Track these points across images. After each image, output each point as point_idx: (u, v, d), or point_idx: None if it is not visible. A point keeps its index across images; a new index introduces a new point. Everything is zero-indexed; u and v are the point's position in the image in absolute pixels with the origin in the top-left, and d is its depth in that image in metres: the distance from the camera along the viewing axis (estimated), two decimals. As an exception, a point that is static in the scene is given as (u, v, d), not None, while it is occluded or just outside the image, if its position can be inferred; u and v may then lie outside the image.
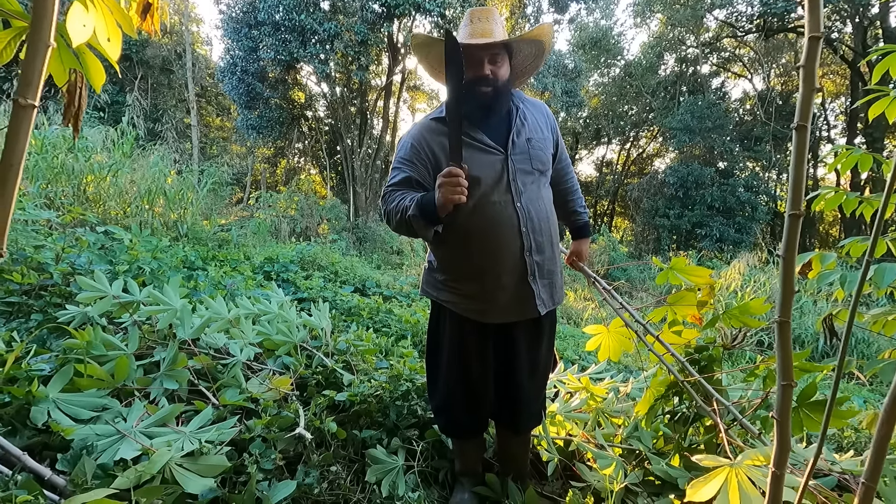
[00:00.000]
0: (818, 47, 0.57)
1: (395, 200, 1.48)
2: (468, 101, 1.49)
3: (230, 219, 10.34)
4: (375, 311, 3.91)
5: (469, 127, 1.50)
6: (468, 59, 1.46)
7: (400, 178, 1.51)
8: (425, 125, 1.56)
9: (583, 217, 1.83)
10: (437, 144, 1.51)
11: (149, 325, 2.08)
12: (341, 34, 11.00)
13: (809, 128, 0.58)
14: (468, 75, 1.47)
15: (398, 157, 1.56)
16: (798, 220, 0.60)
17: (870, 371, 1.63)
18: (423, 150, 1.51)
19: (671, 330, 1.59)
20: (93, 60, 1.09)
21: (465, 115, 1.51)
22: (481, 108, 1.49)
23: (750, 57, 18.80)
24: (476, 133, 1.51)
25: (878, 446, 0.62)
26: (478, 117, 1.51)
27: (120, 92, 15.48)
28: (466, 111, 1.50)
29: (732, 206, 14.46)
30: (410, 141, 1.54)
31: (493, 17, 1.49)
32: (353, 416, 1.87)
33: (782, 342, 0.63)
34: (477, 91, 1.47)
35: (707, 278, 1.43)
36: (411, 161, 1.51)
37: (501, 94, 1.50)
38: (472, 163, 1.47)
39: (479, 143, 1.50)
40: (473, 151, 1.49)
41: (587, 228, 1.83)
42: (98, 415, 1.53)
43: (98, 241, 3.24)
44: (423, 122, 1.58)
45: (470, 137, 1.50)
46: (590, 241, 1.81)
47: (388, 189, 1.54)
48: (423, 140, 1.52)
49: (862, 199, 1.88)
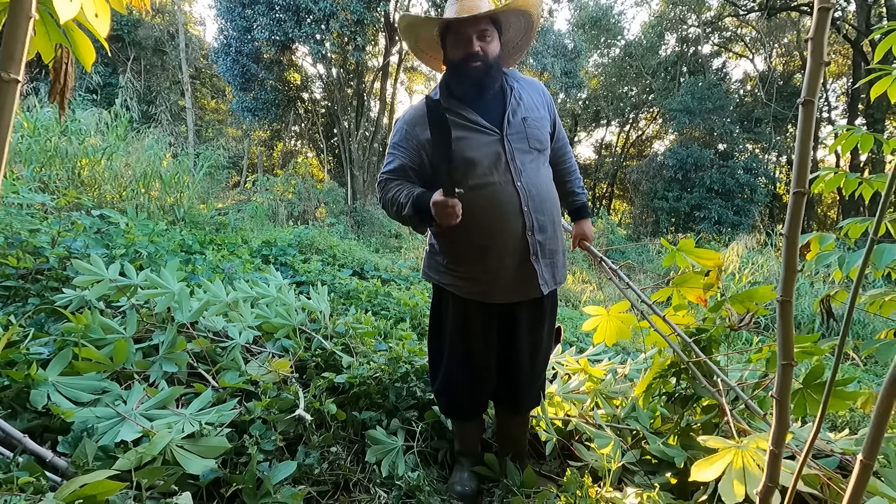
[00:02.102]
0: (827, 19, 0.55)
1: (390, 191, 1.50)
2: (460, 80, 1.49)
3: (227, 202, 10.28)
4: (374, 294, 3.91)
5: (462, 108, 1.50)
6: (457, 37, 1.45)
7: (394, 165, 1.53)
8: (418, 108, 1.55)
9: (581, 198, 1.82)
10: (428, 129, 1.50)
11: (147, 308, 2.07)
12: (337, 13, 10.78)
13: (816, 103, 0.56)
14: (457, 55, 1.46)
15: (392, 142, 1.57)
16: (802, 199, 0.59)
17: (865, 352, 1.64)
18: (414, 136, 1.52)
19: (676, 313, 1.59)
20: (82, 38, 1.06)
21: (459, 96, 1.51)
22: (473, 85, 1.48)
23: (752, 36, 18.54)
24: (470, 114, 1.49)
25: (877, 424, 0.62)
26: (471, 96, 1.50)
27: (112, 74, 15.22)
28: (459, 91, 1.50)
29: (731, 188, 14.41)
30: (403, 125, 1.55)
31: None
32: (352, 398, 1.88)
33: (784, 322, 0.63)
34: (468, 68, 1.46)
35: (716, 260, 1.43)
36: (405, 147, 1.53)
37: (493, 71, 1.48)
38: (468, 144, 1.46)
39: (473, 124, 1.49)
40: (469, 132, 1.48)
41: (586, 209, 1.83)
42: (98, 398, 1.53)
43: (94, 224, 3.21)
44: (418, 105, 1.57)
45: (464, 119, 1.49)
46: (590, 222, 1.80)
47: (383, 177, 1.56)
48: (418, 125, 1.51)
49: (862, 179, 1.86)
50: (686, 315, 1.60)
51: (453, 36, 1.47)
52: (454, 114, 1.49)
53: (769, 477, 0.67)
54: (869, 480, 0.66)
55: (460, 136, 1.47)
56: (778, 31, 17.71)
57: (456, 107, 1.50)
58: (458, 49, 1.46)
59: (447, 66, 1.54)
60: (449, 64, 1.52)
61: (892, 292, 1.80)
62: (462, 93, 1.50)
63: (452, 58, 1.49)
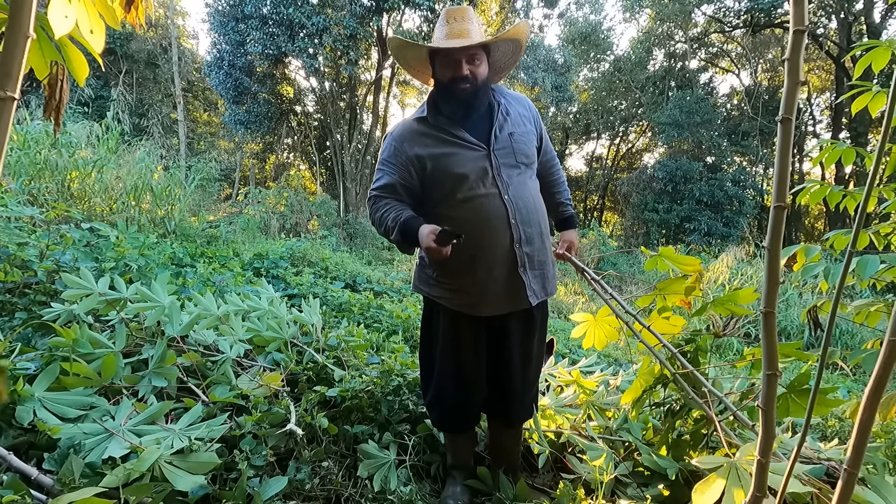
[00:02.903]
0: (802, 40, 0.57)
1: (379, 210, 1.54)
2: (448, 100, 1.52)
3: (219, 215, 10.23)
4: (366, 306, 3.90)
5: (451, 125, 1.53)
6: (446, 60, 1.48)
7: (384, 182, 1.56)
8: (407, 126, 1.58)
9: (568, 209, 1.85)
10: (420, 145, 1.53)
11: (136, 322, 2.05)
12: (330, 28, 10.88)
13: (794, 121, 0.58)
14: (446, 77, 1.50)
15: (381, 159, 1.59)
16: (783, 212, 0.61)
17: (853, 361, 1.66)
18: (403, 153, 1.54)
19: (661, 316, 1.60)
20: (75, 53, 1.07)
21: (447, 114, 1.53)
22: (461, 105, 1.51)
23: (737, 52, 18.95)
24: (458, 131, 1.53)
25: (860, 434, 0.64)
26: (459, 115, 1.53)
27: (104, 86, 15.21)
28: (448, 110, 1.53)
29: (720, 200, 14.60)
30: (393, 143, 1.57)
31: (469, 16, 1.50)
32: (344, 412, 1.87)
33: (767, 332, 0.64)
34: (456, 90, 1.49)
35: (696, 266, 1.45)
36: (394, 164, 1.55)
37: (481, 92, 1.52)
38: (457, 160, 1.50)
39: (461, 141, 1.52)
40: (457, 149, 1.51)
41: (573, 220, 1.85)
42: (85, 413, 1.51)
43: (83, 237, 3.19)
44: (405, 121, 1.60)
45: (451, 135, 1.52)
46: (577, 233, 1.82)
47: (373, 193, 1.58)
48: (407, 141, 1.54)
49: (846, 192, 1.91)
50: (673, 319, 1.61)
51: (443, 58, 1.50)
52: (442, 130, 1.52)
53: (757, 486, 0.68)
54: (854, 489, 0.67)
55: (448, 153, 1.50)
56: (762, 47, 18.12)
57: (444, 123, 1.53)
58: (447, 71, 1.49)
59: (436, 85, 1.56)
60: (437, 83, 1.55)
61: (877, 302, 1.83)
62: (450, 112, 1.53)
63: (441, 78, 1.52)
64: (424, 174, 1.53)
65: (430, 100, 1.58)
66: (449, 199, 1.50)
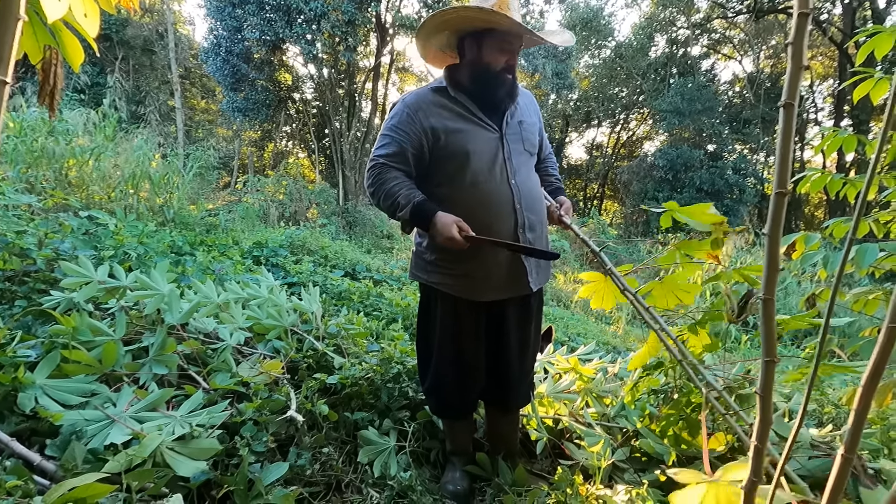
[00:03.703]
0: (806, 24, 0.56)
1: (387, 182, 1.46)
2: (488, 84, 1.49)
3: (218, 203, 10.20)
4: (366, 294, 3.91)
5: (469, 101, 1.51)
6: (503, 44, 1.45)
7: (393, 149, 1.47)
8: (424, 95, 1.52)
9: (557, 183, 1.83)
10: (435, 116, 1.48)
11: (136, 310, 2.06)
12: (328, 14, 10.75)
13: (797, 106, 0.58)
14: (499, 61, 1.47)
15: (390, 125, 1.50)
16: (784, 199, 0.61)
17: (850, 349, 1.67)
18: (419, 121, 1.47)
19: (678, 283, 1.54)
20: (70, 38, 1.05)
21: (469, 92, 1.51)
22: (504, 95, 1.51)
23: (740, 38, 18.76)
24: (475, 108, 1.51)
25: (857, 419, 0.64)
26: (487, 99, 1.51)
27: (100, 73, 15.05)
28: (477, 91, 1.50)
29: (721, 188, 14.56)
30: (406, 109, 1.49)
31: (519, 6, 1.50)
32: (344, 399, 1.88)
33: (766, 319, 0.64)
34: (503, 78, 1.49)
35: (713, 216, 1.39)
36: (406, 131, 1.47)
37: (515, 81, 1.55)
38: (471, 137, 1.48)
39: (478, 119, 1.51)
40: (473, 126, 1.50)
41: (563, 191, 1.82)
42: (87, 400, 1.52)
43: (82, 226, 3.18)
44: (422, 91, 1.54)
45: (470, 112, 1.51)
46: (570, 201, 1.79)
47: (378, 160, 1.49)
48: (422, 110, 1.48)
49: (846, 180, 1.90)
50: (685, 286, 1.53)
51: (499, 42, 1.45)
52: (461, 105, 1.50)
53: (753, 471, 0.69)
54: (848, 474, 0.67)
55: (464, 128, 1.48)
56: (765, 33, 17.93)
57: (463, 99, 1.51)
58: (501, 56, 1.47)
59: (473, 65, 1.50)
60: (479, 66, 1.48)
61: (876, 290, 1.83)
62: (477, 92, 1.50)
63: (491, 62, 1.47)
64: (437, 147, 1.48)
65: (448, 74, 1.54)
66: (456, 179, 1.48)
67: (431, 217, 1.40)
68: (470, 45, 1.49)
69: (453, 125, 1.48)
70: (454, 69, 1.55)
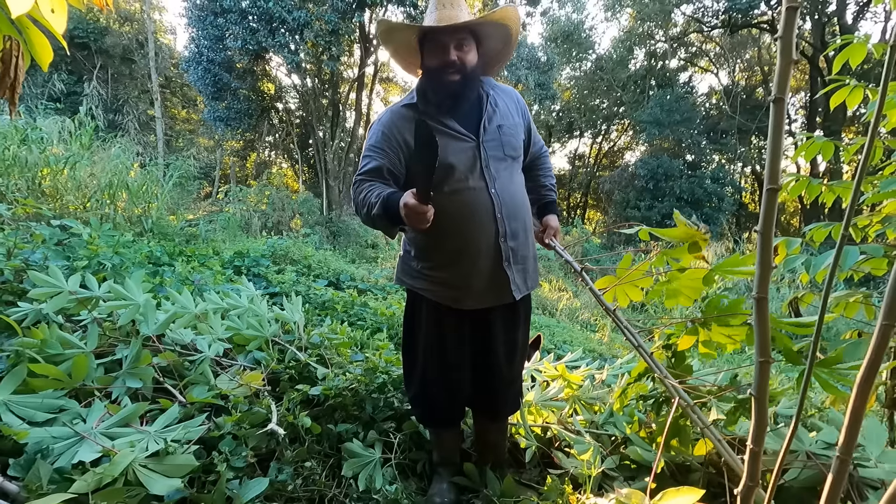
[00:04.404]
0: (795, 17, 0.56)
1: (363, 192, 1.46)
2: (437, 88, 1.47)
3: (198, 214, 10.03)
4: (350, 304, 3.85)
5: (440, 114, 1.49)
6: (434, 45, 1.45)
7: (371, 166, 1.49)
8: (396, 112, 1.53)
9: (551, 194, 1.81)
10: (409, 132, 1.48)
11: (109, 321, 1.98)
12: (311, 23, 10.74)
13: (787, 100, 0.57)
14: (434, 63, 1.46)
15: (369, 145, 1.53)
16: (776, 195, 0.60)
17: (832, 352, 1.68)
18: (394, 137, 1.49)
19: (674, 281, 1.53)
20: (38, 37, 1.01)
21: (436, 103, 1.49)
22: (450, 94, 1.47)
23: (715, 52, 19.28)
24: (447, 120, 1.49)
25: (852, 420, 0.63)
26: (448, 105, 1.49)
27: (77, 82, 14.77)
28: (436, 99, 1.49)
29: (700, 197, 14.85)
30: (381, 128, 1.51)
31: (459, 3, 1.47)
32: (327, 411, 1.83)
33: (760, 319, 0.63)
34: (444, 78, 1.45)
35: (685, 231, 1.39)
36: (382, 149, 1.49)
37: (470, 81, 1.48)
38: (446, 150, 1.46)
39: (450, 131, 1.49)
40: (446, 139, 1.47)
41: (555, 206, 1.81)
42: (54, 417, 1.44)
43: (54, 235, 3.07)
44: (394, 108, 1.56)
45: (441, 124, 1.49)
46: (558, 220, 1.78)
47: (358, 178, 1.51)
48: (395, 127, 1.50)
49: (825, 185, 1.93)
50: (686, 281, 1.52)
51: (431, 43, 1.46)
52: (431, 118, 1.48)
53: (749, 476, 0.67)
54: (845, 477, 0.66)
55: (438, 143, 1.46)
56: (740, 47, 18.47)
57: (433, 112, 1.49)
58: (435, 57, 1.46)
59: (424, 73, 1.52)
60: (426, 70, 1.51)
61: (855, 294, 1.86)
62: (438, 101, 1.49)
63: (429, 65, 1.48)
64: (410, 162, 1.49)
65: (418, 87, 1.54)
66: (436, 191, 1.46)
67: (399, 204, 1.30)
68: (420, 54, 1.52)
69: None
70: (419, 82, 1.55)
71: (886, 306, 0.60)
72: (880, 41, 10.72)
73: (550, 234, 1.69)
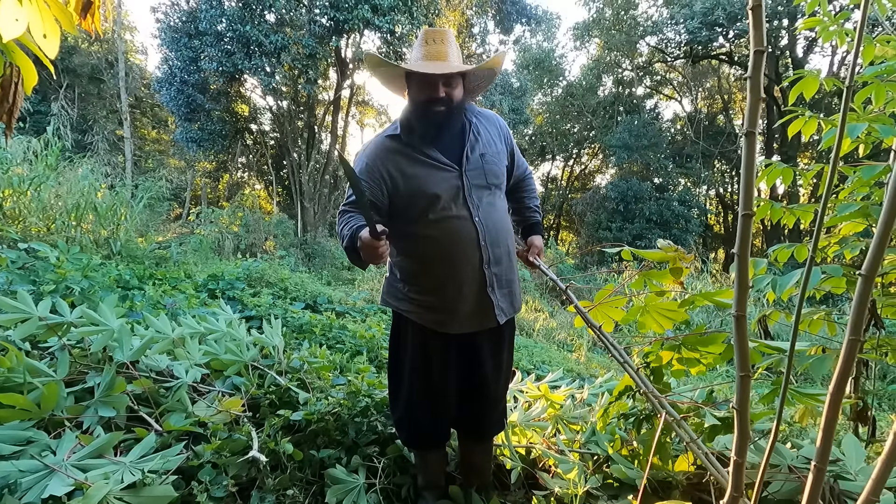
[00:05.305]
0: (762, 60, 0.61)
1: (341, 224, 1.51)
2: (422, 120, 1.50)
3: (168, 236, 9.78)
4: (328, 327, 3.80)
5: (424, 145, 1.52)
6: (423, 83, 1.47)
7: (353, 198, 1.51)
8: (379, 144, 1.55)
9: (535, 216, 1.85)
10: (392, 163, 1.51)
11: (79, 348, 1.91)
12: (289, 47, 10.81)
13: (757, 133, 0.62)
14: (422, 97, 1.48)
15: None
16: (750, 220, 0.64)
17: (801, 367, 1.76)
18: (376, 169, 1.51)
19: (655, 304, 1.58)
20: (23, 60, 1.01)
21: (420, 134, 1.52)
22: (435, 126, 1.50)
23: (679, 81, 20.22)
24: (431, 151, 1.52)
25: (826, 430, 0.67)
26: (432, 135, 1.52)
27: (43, 101, 14.39)
28: (421, 130, 1.51)
29: (669, 219, 15.35)
30: (365, 160, 1.53)
31: (447, 38, 1.50)
32: (309, 436, 1.80)
33: (739, 336, 0.67)
34: (431, 111, 1.48)
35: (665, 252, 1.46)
36: (366, 180, 1.51)
37: (454, 114, 1.52)
38: (429, 180, 1.49)
39: (433, 161, 1.52)
40: (429, 169, 1.51)
41: (540, 226, 1.85)
42: (22, 449, 1.38)
43: (20, 259, 2.96)
44: (377, 139, 1.57)
45: (424, 155, 1.51)
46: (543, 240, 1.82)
47: (341, 209, 1.55)
48: (378, 159, 1.52)
49: (786, 209, 2.05)
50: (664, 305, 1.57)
51: (419, 81, 1.48)
52: (415, 149, 1.51)
53: (734, 486, 0.70)
54: (822, 485, 0.69)
55: (420, 173, 1.50)
56: (701, 76, 19.43)
57: (417, 142, 1.52)
58: (423, 92, 1.47)
59: (410, 104, 1.54)
60: (412, 103, 1.52)
61: (818, 311, 1.96)
62: (423, 131, 1.51)
63: (416, 98, 1.50)
64: (396, 192, 1.51)
65: (402, 117, 1.56)
66: (421, 219, 1.49)
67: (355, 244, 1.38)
68: (406, 86, 1.55)
69: (410, 170, 1.50)
70: (403, 113, 1.57)
71: (852, 323, 0.64)
72: (828, 74, 11.37)
73: (535, 253, 1.73)
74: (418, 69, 1.43)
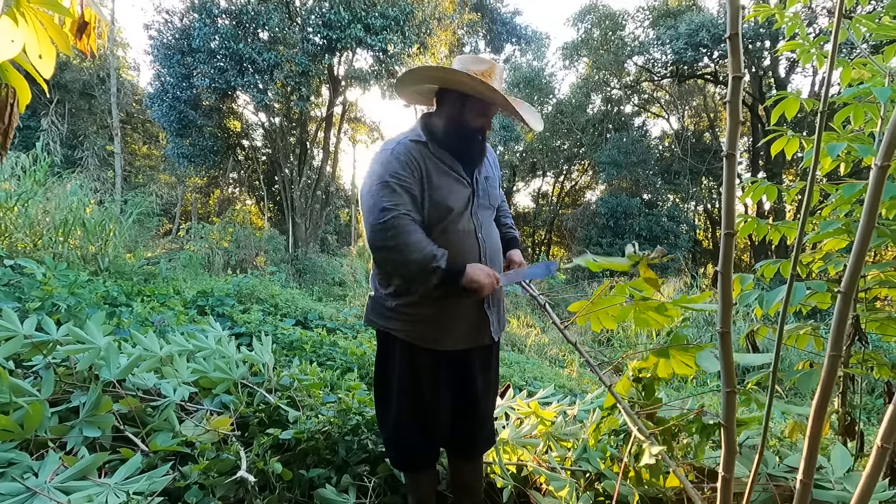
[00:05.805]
0: (740, 85, 0.64)
1: (412, 233, 1.41)
2: (464, 142, 1.56)
3: (157, 251, 9.69)
4: (319, 344, 3.77)
5: (446, 155, 1.55)
6: (482, 107, 1.53)
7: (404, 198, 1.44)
8: (410, 145, 1.51)
9: (512, 231, 1.89)
10: (430, 163, 1.51)
11: (64, 366, 1.88)
12: (282, 65, 10.91)
13: (737, 156, 0.64)
14: (476, 123, 1.54)
15: (391, 172, 1.44)
16: (732, 239, 0.66)
17: (788, 382, 1.78)
18: (416, 167, 1.47)
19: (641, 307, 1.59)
20: (17, 79, 1.01)
21: (453, 149, 1.55)
22: (478, 152, 1.59)
23: (666, 99, 20.64)
24: (453, 163, 1.56)
25: (810, 445, 0.68)
26: (460, 153, 1.56)
27: (32, 116, 14.30)
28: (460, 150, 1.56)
29: (658, 234, 15.51)
30: (400, 157, 1.47)
31: (502, 76, 1.59)
32: (299, 455, 1.78)
33: (725, 352, 0.68)
34: (478, 138, 1.57)
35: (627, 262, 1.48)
36: (406, 175, 1.45)
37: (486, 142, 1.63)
38: (451, 192, 1.52)
39: (455, 173, 1.55)
40: (452, 182, 1.54)
41: (517, 241, 1.88)
42: (3, 471, 1.35)
43: (5, 275, 2.92)
44: (404, 142, 1.52)
45: (448, 167, 1.54)
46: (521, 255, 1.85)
47: (396, 210, 1.41)
48: (413, 158, 1.48)
49: (772, 225, 2.09)
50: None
51: (480, 106, 1.52)
52: (439, 160, 1.53)
53: (723, 501, 0.70)
54: (809, 499, 0.70)
55: (445, 183, 1.51)
56: (687, 95, 19.85)
57: (440, 153, 1.54)
58: (479, 119, 1.54)
59: (452, 123, 1.54)
60: (458, 123, 1.53)
61: (804, 326, 1.99)
62: (459, 150, 1.55)
63: (469, 123, 1.53)
64: (423, 197, 1.49)
65: (425, 126, 1.56)
66: (434, 229, 1.50)
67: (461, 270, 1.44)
68: (452, 102, 1.54)
69: (437, 179, 1.51)
70: (430, 120, 1.58)
71: (833, 338, 0.66)
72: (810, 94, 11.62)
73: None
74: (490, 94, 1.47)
